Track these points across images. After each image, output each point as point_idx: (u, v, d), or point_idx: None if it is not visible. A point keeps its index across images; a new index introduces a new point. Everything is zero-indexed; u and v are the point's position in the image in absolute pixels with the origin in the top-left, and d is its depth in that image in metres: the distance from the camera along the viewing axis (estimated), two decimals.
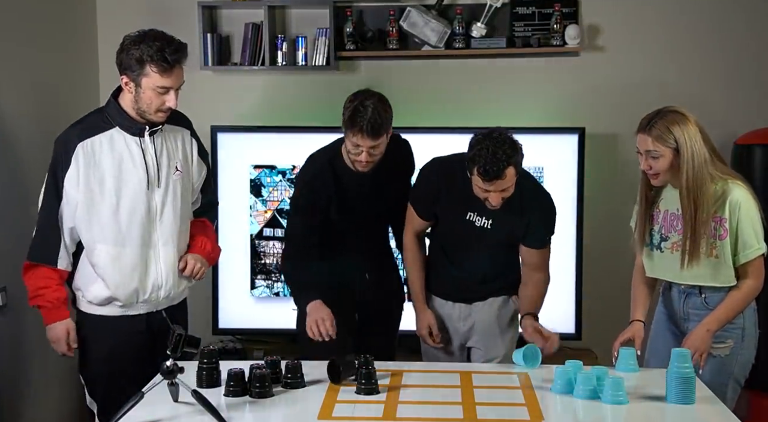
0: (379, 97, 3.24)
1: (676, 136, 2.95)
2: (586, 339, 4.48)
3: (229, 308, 4.61)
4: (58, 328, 3.11)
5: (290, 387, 2.84)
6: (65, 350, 3.14)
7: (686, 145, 2.94)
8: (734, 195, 2.97)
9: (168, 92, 3.01)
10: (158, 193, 3.11)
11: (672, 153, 2.96)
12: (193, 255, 3.24)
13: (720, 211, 2.98)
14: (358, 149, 3.21)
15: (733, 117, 4.50)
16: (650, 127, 2.98)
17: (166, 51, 2.95)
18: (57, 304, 3.09)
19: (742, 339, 3.07)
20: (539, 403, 2.72)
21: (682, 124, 2.96)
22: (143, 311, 3.15)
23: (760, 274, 3.04)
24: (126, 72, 3.00)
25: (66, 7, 4.46)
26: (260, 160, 4.54)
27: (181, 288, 3.23)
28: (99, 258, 3.06)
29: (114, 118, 3.06)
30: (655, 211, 3.14)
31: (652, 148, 2.97)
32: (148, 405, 2.60)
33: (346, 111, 3.21)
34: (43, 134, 4.06)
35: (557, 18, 4.50)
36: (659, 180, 3.05)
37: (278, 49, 4.62)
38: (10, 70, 3.88)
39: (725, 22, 4.57)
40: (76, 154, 3.01)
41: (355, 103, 3.20)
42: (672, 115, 2.99)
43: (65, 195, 3.04)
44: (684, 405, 2.70)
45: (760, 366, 4.20)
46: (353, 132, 3.18)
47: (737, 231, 2.98)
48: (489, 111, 4.58)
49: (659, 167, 3.00)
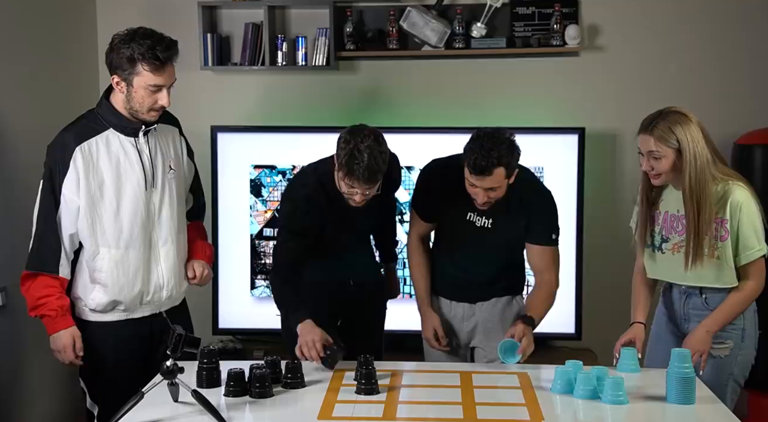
0: (374, 137, 3.09)
1: (679, 136, 2.95)
2: (586, 339, 4.48)
3: (229, 308, 4.61)
4: (64, 337, 3.03)
5: (290, 387, 2.84)
6: (72, 358, 3.06)
7: (689, 146, 2.94)
8: (735, 196, 2.97)
9: (160, 90, 2.98)
10: (156, 192, 3.10)
11: (674, 153, 2.96)
12: (198, 261, 3.26)
13: (721, 212, 2.98)
14: (353, 190, 3.14)
15: (733, 117, 4.50)
16: (652, 128, 2.98)
17: (158, 49, 2.92)
18: (61, 312, 3.02)
19: (742, 339, 3.07)
20: (539, 403, 2.72)
21: (684, 125, 2.96)
22: (147, 313, 3.14)
23: (761, 276, 3.04)
24: (117, 71, 2.97)
25: (66, 7, 4.46)
26: (260, 160, 4.54)
27: (182, 288, 3.23)
28: (102, 262, 3.04)
29: (108, 119, 3.04)
30: (656, 213, 3.14)
31: (654, 148, 2.97)
32: (148, 405, 2.60)
33: (341, 152, 3.08)
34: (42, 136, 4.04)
35: (557, 18, 4.50)
36: (660, 180, 3.04)
37: (278, 49, 4.62)
38: (10, 70, 3.88)
39: (725, 22, 4.57)
40: (74, 158, 2.98)
41: (350, 145, 3.06)
42: (674, 115, 2.98)
43: (64, 200, 3.00)
44: (684, 405, 2.70)
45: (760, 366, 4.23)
46: (349, 178, 3.08)
47: (738, 233, 2.97)
48: (489, 111, 4.59)
49: (661, 168, 2.99)
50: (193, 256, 3.29)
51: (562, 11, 4.51)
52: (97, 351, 3.10)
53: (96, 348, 3.10)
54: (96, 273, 3.06)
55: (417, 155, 3.59)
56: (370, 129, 3.12)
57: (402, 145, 3.64)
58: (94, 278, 3.06)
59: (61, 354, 3.06)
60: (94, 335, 3.09)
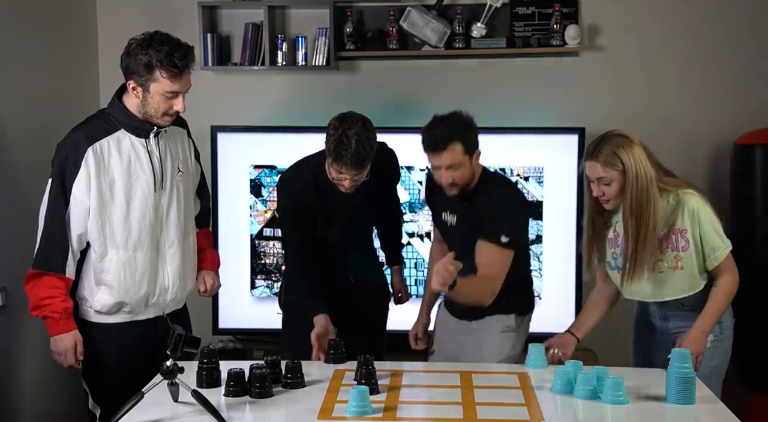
0: (362, 124, 3.15)
1: (623, 158, 2.97)
2: (586, 339, 4.46)
3: (229, 308, 4.61)
4: (65, 340, 3.01)
5: (290, 387, 2.84)
6: (73, 362, 3.05)
7: (632, 168, 2.96)
8: (689, 204, 3.00)
9: (176, 96, 2.98)
10: (164, 194, 3.10)
11: (620, 176, 2.99)
12: (209, 272, 3.31)
13: (678, 223, 3.00)
14: (342, 175, 3.18)
15: (733, 117, 4.50)
16: (597, 153, 3.00)
17: (175, 56, 2.92)
18: (65, 315, 3.00)
19: (721, 331, 3.09)
20: (539, 403, 2.72)
21: (627, 147, 2.98)
22: (151, 316, 3.14)
23: (733, 269, 3.06)
24: (133, 76, 2.96)
25: (66, 6, 4.46)
26: (260, 160, 4.54)
27: (186, 290, 3.24)
28: (110, 263, 3.04)
29: (119, 120, 3.03)
30: (613, 235, 3.14)
31: (603, 174, 2.99)
32: (148, 405, 2.60)
33: (330, 139, 3.14)
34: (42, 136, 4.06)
35: (557, 18, 4.50)
36: (611, 204, 3.06)
37: (278, 49, 4.63)
38: (9, 71, 3.88)
39: (725, 22, 4.57)
40: (86, 158, 2.96)
41: (339, 131, 3.12)
42: (616, 138, 3.01)
43: (73, 200, 2.98)
44: (684, 405, 2.70)
45: (760, 366, 4.23)
46: (337, 163, 3.14)
47: (702, 239, 3.00)
48: (489, 111, 4.56)
49: (611, 192, 3.02)
50: (203, 267, 3.31)
51: (562, 11, 4.51)
52: (101, 352, 3.09)
53: (100, 349, 3.09)
54: (103, 275, 3.05)
55: (417, 155, 3.58)
56: (358, 116, 3.18)
57: (402, 145, 3.65)
58: (101, 279, 3.05)
59: (61, 357, 3.05)
60: (98, 336, 3.08)
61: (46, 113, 4.14)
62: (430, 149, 3.11)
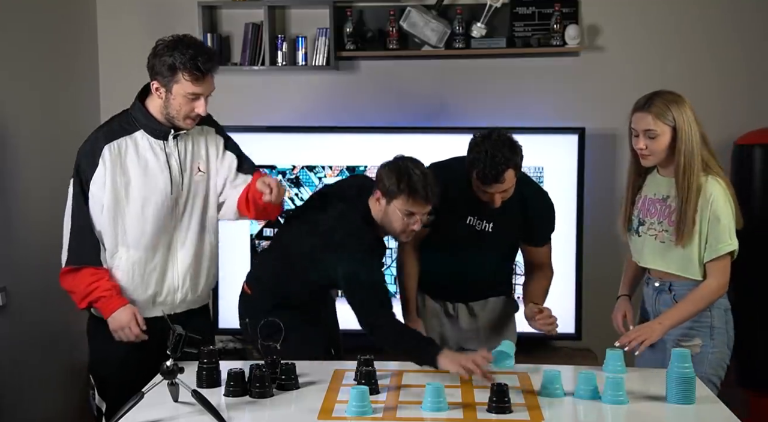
0: (415, 161, 3.12)
1: (675, 114, 2.98)
2: (586, 339, 4.48)
3: (229, 308, 4.59)
4: (123, 314, 3.01)
5: (284, 389, 2.84)
6: (138, 332, 3.02)
7: (683, 126, 2.97)
8: (711, 190, 2.98)
9: (198, 99, 3.01)
10: (181, 196, 3.12)
11: (670, 132, 2.98)
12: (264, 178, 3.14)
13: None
14: (413, 218, 3.07)
15: (733, 117, 4.50)
16: (649, 105, 3.01)
17: (199, 59, 2.95)
18: (116, 292, 3.02)
19: (711, 337, 3.06)
20: (539, 403, 2.72)
21: (680, 105, 3.01)
22: (160, 314, 3.13)
23: (724, 276, 3.02)
24: (157, 77, 3.00)
25: (66, 7, 4.46)
26: (260, 160, 4.50)
27: (198, 292, 3.23)
28: (120, 261, 3.06)
29: (139, 121, 3.07)
30: (636, 197, 3.16)
31: (653, 126, 2.99)
32: (148, 405, 2.61)
33: (390, 175, 3.05)
34: (42, 137, 4.06)
35: (557, 18, 4.50)
36: (650, 161, 3.06)
37: (278, 49, 4.63)
38: (9, 71, 3.88)
39: (725, 22, 4.57)
40: (103, 155, 3.01)
41: (401, 167, 3.05)
42: (669, 95, 3.03)
43: (92, 197, 3.03)
44: (684, 405, 2.70)
45: (760, 366, 4.23)
46: (414, 200, 3.03)
47: (709, 225, 2.98)
48: (489, 111, 4.59)
49: (655, 147, 3.01)
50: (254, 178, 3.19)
51: (562, 11, 4.51)
52: (110, 348, 3.10)
53: (109, 342, 3.09)
54: (112, 271, 3.07)
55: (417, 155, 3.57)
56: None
57: (402, 145, 3.64)
58: (110, 276, 3.07)
59: (124, 331, 3.03)
60: (106, 332, 3.08)
61: (47, 113, 4.14)
62: (487, 182, 3.06)
